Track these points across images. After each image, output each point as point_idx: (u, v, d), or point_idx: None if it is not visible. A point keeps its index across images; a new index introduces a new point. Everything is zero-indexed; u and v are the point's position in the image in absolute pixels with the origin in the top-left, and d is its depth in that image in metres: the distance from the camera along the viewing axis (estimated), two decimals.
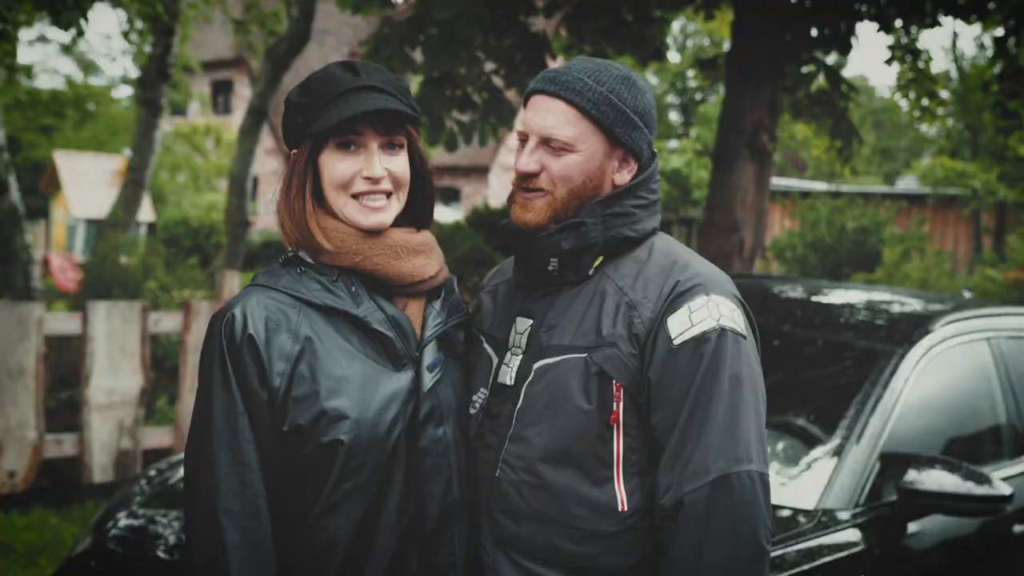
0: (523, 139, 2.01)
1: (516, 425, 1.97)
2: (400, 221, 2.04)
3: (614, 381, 1.90)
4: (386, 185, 1.96)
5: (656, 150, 2.10)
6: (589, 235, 1.96)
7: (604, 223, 1.98)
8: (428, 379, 1.96)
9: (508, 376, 2.02)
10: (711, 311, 1.90)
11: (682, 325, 1.89)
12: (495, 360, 2.07)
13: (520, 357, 2.02)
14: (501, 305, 2.14)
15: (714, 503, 1.81)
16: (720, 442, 1.83)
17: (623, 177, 2.02)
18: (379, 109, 1.90)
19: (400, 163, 1.99)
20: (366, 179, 1.94)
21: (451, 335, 2.07)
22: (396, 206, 2.00)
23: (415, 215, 2.08)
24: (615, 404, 1.90)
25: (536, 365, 1.98)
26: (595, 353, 1.92)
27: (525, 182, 1.99)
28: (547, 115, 1.96)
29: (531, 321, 2.03)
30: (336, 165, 1.94)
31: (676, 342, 1.88)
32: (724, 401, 1.86)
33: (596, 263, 2.01)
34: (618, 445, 1.90)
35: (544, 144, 1.97)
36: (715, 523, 1.81)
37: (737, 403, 1.87)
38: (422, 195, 2.08)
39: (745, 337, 1.94)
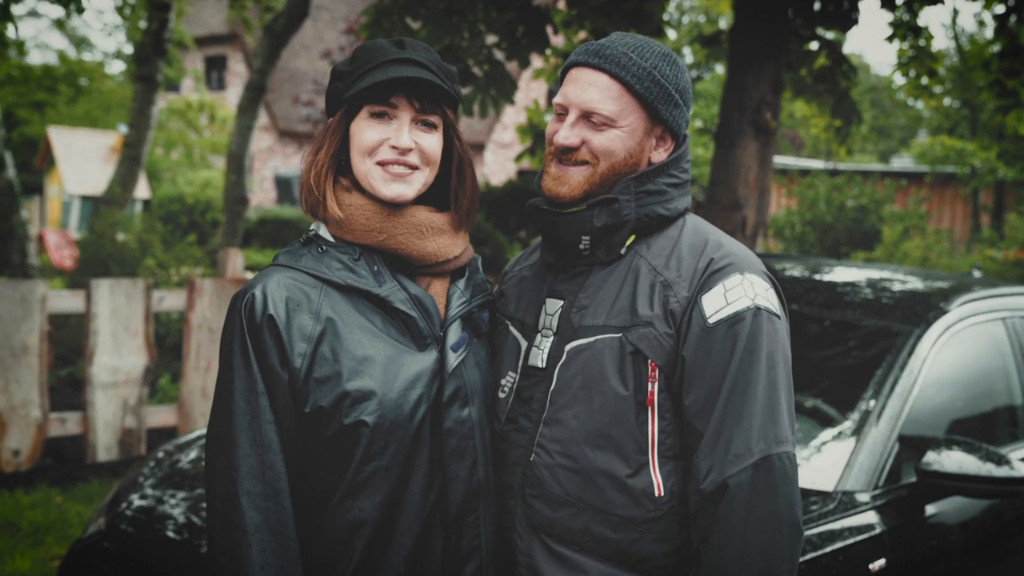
0: (562, 112, 1.97)
1: (551, 408, 1.94)
2: (427, 202, 2.01)
3: (649, 361, 1.87)
4: (413, 159, 1.92)
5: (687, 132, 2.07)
6: (622, 212, 1.93)
7: (637, 200, 1.94)
8: (452, 359, 1.92)
9: (540, 358, 1.99)
10: (746, 290, 1.88)
11: (717, 304, 1.86)
12: (523, 343, 2.04)
13: (551, 339, 1.99)
14: (527, 289, 2.11)
15: (757, 485, 1.79)
16: (761, 423, 1.81)
17: (660, 155, 2.00)
18: (413, 78, 1.87)
19: (431, 140, 1.95)
20: (393, 148, 1.91)
21: (475, 315, 2.04)
22: (420, 182, 1.95)
23: (445, 198, 2.04)
24: (650, 384, 1.87)
25: (568, 346, 1.95)
26: (630, 332, 1.88)
27: (565, 155, 1.95)
28: (591, 88, 1.93)
29: (562, 302, 2.00)
30: (366, 130, 1.91)
31: (711, 321, 1.85)
32: (763, 382, 1.83)
33: (628, 242, 1.98)
34: (653, 428, 1.87)
35: (585, 118, 1.94)
36: (759, 505, 1.78)
37: (776, 383, 1.85)
38: (459, 181, 2.03)
39: (779, 317, 1.91)
